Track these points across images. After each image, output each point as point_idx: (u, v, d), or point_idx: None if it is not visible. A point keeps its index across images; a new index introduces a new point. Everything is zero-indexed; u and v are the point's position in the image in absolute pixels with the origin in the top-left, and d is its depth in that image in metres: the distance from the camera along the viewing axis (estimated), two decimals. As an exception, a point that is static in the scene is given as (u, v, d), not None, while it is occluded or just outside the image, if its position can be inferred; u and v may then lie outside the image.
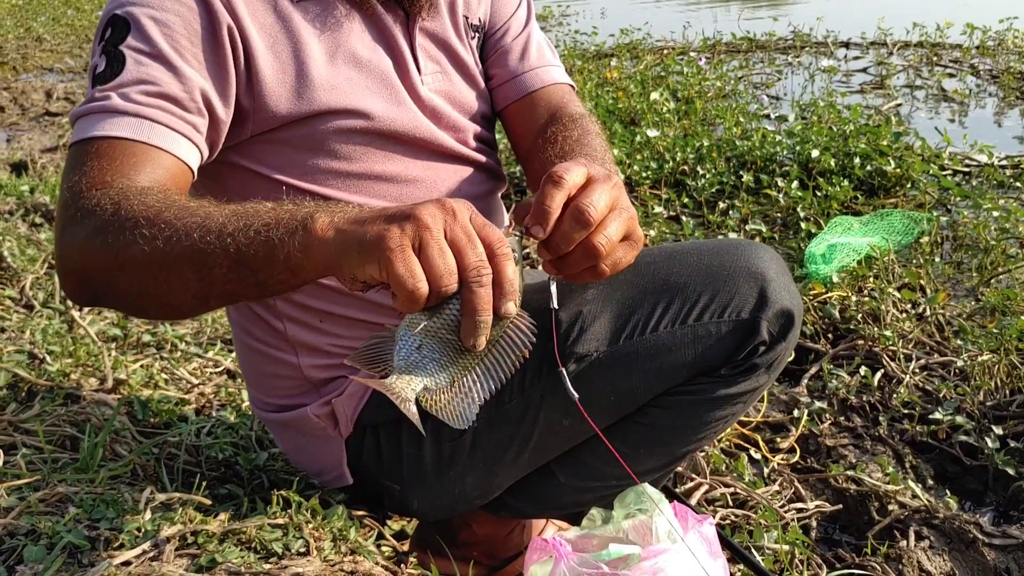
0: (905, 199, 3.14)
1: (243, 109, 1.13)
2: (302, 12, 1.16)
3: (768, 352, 1.17)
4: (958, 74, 5.10)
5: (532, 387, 1.20)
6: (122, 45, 1.04)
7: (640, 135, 3.77)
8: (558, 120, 1.32)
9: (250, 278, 0.88)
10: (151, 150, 1.02)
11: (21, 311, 2.47)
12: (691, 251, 1.21)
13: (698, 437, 1.25)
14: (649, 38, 6.47)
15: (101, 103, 1.02)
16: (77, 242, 0.95)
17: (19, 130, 5.55)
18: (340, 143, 1.18)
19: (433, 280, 0.79)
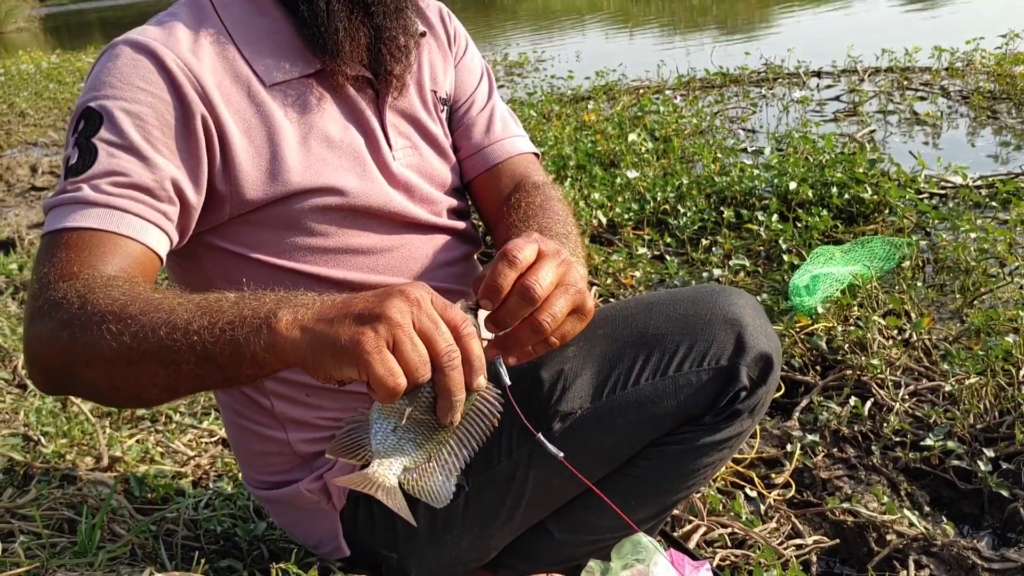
0: (884, 225, 3.18)
1: (220, 194, 1.16)
2: (276, 96, 1.19)
3: (749, 397, 1.19)
4: (929, 96, 5.18)
5: (519, 448, 1.22)
6: (94, 137, 1.07)
7: (620, 177, 3.82)
8: (521, 188, 1.37)
9: (217, 374, 0.91)
10: (120, 239, 1.04)
11: (14, 391, 2.48)
12: (667, 301, 1.24)
13: (688, 484, 1.27)
14: (624, 79, 6.56)
15: (72, 194, 1.05)
16: (44, 335, 0.97)
17: (5, 207, 5.58)
18: (315, 220, 1.20)
19: (409, 373, 0.83)
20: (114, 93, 1.10)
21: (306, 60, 1.22)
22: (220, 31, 1.20)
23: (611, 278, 3.00)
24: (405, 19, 1.27)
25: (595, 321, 1.24)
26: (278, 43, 1.22)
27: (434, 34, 1.43)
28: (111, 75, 1.11)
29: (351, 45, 1.21)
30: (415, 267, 1.29)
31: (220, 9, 1.22)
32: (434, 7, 1.46)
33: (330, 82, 1.24)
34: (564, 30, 11.29)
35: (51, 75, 11.97)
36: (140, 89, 1.10)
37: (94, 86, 1.11)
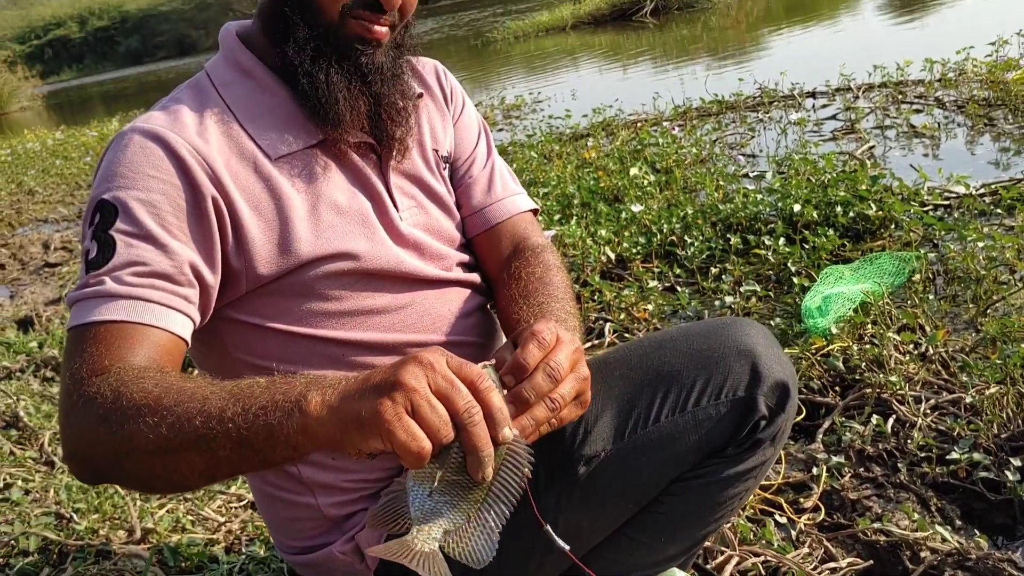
0: (891, 240, 3.19)
1: (235, 270, 1.19)
2: (282, 169, 1.23)
3: (769, 426, 1.21)
4: (924, 109, 5.22)
5: (546, 493, 1.23)
6: (111, 229, 1.11)
7: (625, 211, 3.86)
8: (521, 254, 1.41)
9: (253, 457, 0.94)
10: (146, 329, 1.07)
11: (43, 469, 2.50)
12: (679, 337, 1.26)
13: (716, 517, 1.28)
14: (622, 113, 6.63)
15: (95, 288, 1.08)
16: (82, 430, 1.00)
17: (20, 285, 5.65)
18: (329, 286, 1.23)
19: (432, 435, 0.86)
20: (127, 183, 1.13)
21: (308, 131, 1.26)
22: (223, 110, 1.24)
23: (624, 313, 3.02)
24: (402, 84, 1.31)
25: (610, 363, 1.27)
26: (280, 117, 1.26)
27: (431, 94, 1.46)
28: (122, 165, 1.14)
29: (352, 114, 1.24)
30: (430, 323, 1.32)
31: (221, 89, 1.26)
32: (429, 66, 1.50)
33: (334, 150, 1.27)
34: (558, 70, 11.41)
35: (57, 151, 12.16)
36: (151, 177, 1.13)
37: (107, 177, 1.15)
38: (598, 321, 3.06)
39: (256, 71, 1.27)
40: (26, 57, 59.58)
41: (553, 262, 1.41)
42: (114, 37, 68.70)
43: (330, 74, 1.22)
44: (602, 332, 2.95)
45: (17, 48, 62.31)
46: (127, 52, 66.67)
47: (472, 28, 21.35)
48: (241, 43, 1.29)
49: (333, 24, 1.22)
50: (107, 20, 69.06)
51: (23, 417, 2.83)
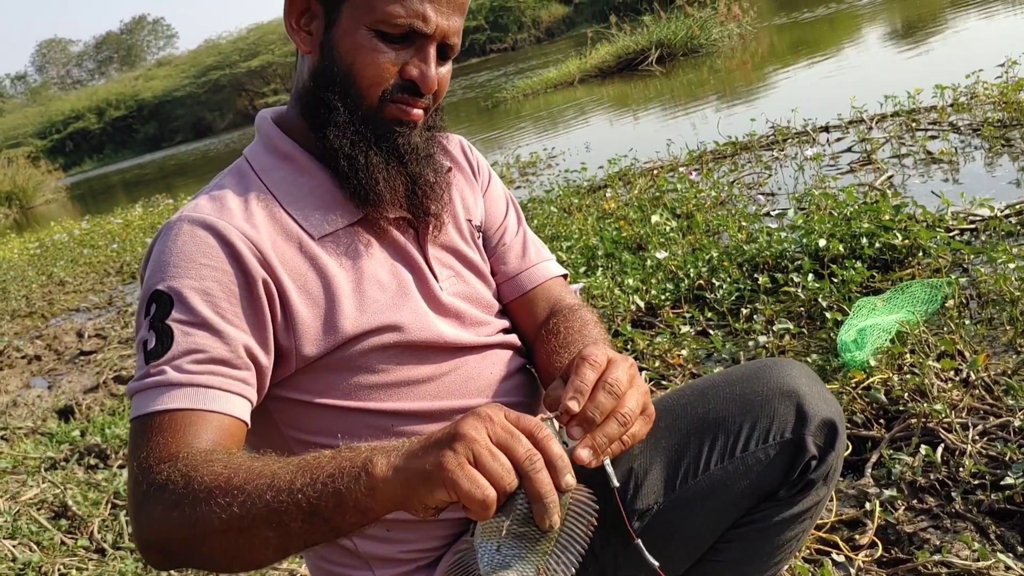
0: (920, 268, 3.19)
1: (284, 349, 1.22)
2: (326, 248, 1.27)
3: (821, 465, 1.21)
4: (940, 135, 5.23)
5: (604, 551, 1.24)
6: (168, 319, 1.14)
7: (650, 259, 3.88)
8: (558, 312, 1.45)
9: (324, 526, 0.96)
10: (208, 415, 1.11)
11: (94, 557, 2.52)
12: (721, 383, 1.27)
13: (775, 561, 1.28)
14: (637, 162, 6.68)
15: (156, 378, 1.11)
16: (155, 518, 1.02)
17: (58, 375, 5.73)
18: (375, 360, 1.26)
19: (496, 482, 0.88)
20: (180, 272, 1.16)
21: (349, 210, 1.30)
22: (266, 194, 1.28)
23: (658, 360, 3.02)
24: (435, 162, 1.36)
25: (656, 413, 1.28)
26: (321, 198, 1.30)
27: (459, 167, 1.52)
28: (174, 255, 1.18)
29: (391, 193, 1.28)
30: (475, 387, 1.34)
31: (262, 175, 1.30)
32: (455, 141, 1.55)
33: (374, 227, 1.31)
34: (569, 124, 11.54)
35: (84, 241, 12.38)
36: (203, 265, 1.17)
37: (159, 268, 1.18)
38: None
39: (295, 155, 1.32)
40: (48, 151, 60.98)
41: (590, 318, 1.44)
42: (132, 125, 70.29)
43: (369, 156, 1.26)
44: (638, 381, 2.94)
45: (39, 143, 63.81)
46: (145, 139, 68.13)
47: (482, 90, 21.68)
48: (278, 129, 1.34)
49: (372, 108, 1.27)
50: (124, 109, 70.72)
51: (71, 506, 2.86)
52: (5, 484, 3.32)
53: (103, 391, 4.74)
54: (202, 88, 65.12)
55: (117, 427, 3.66)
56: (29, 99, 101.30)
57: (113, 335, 6.29)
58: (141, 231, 11.68)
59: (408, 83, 1.27)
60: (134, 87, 74.84)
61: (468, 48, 38.09)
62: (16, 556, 2.52)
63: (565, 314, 1.44)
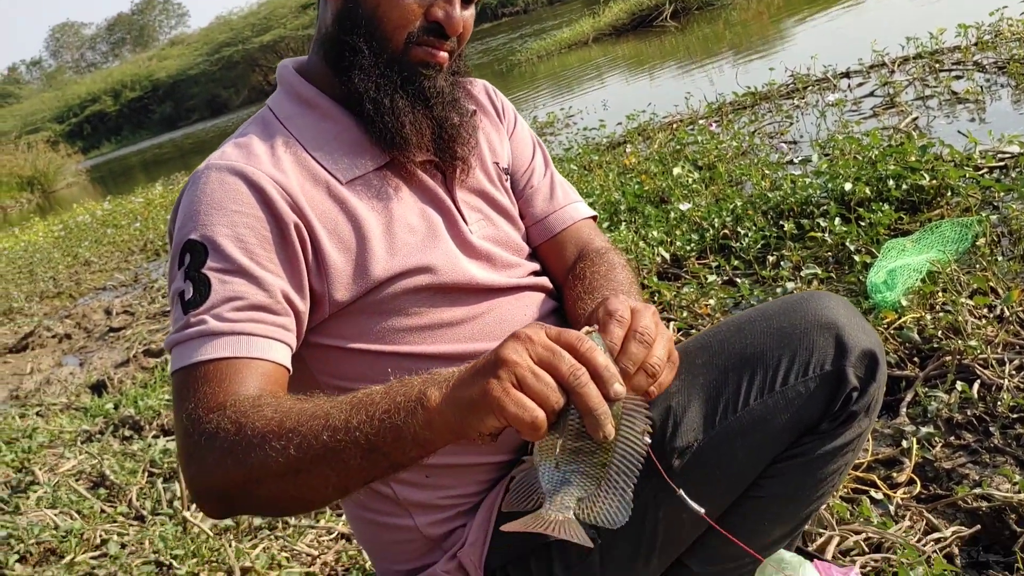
0: (949, 208, 3.14)
1: (317, 294, 1.22)
2: (354, 192, 1.26)
3: (862, 396, 1.19)
4: (964, 74, 5.13)
5: (644, 491, 1.23)
6: (204, 268, 1.13)
7: (674, 211, 3.84)
8: (586, 256, 1.44)
9: (384, 460, 0.96)
10: (252, 362, 1.10)
11: (134, 524, 2.55)
12: (758, 318, 1.24)
13: (818, 495, 1.26)
14: (656, 117, 6.61)
15: (197, 328, 1.10)
16: (208, 466, 1.02)
17: (88, 352, 5.79)
18: (407, 303, 1.26)
19: (543, 402, 0.87)
20: (211, 220, 1.15)
21: (375, 154, 1.29)
22: (291, 140, 1.27)
23: (685, 311, 3.00)
24: (460, 106, 1.34)
25: (690, 351, 1.26)
26: (346, 142, 1.29)
27: (484, 111, 1.50)
28: (204, 203, 1.17)
29: (417, 137, 1.28)
30: (508, 328, 1.33)
31: (286, 122, 1.29)
32: (479, 86, 1.53)
33: (401, 171, 1.30)
34: (584, 83, 11.44)
35: (107, 221, 12.47)
36: (235, 212, 1.16)
37: (190, 217, 1.17)
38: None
39: (318, 101, 1.31)
40: (67, 135, 61.28)
41: (617, 261, 1.43)
42: (148, 106, 70.41)
43: (395, 99, 1.25)
44: (666, 332, 2.93)
45: (57, 128, 64.12)
46: (161, 118, 68.25)
47: (496, 54, 21.52)
48: (300, 77, 1.33)
49: (398, 51, 1.25)
50: (139, 90, 70.82)
51: (109, 475, 2.90)
52: (43, 457, 3.37)
53: (134, 365, 4.79)
54: (216, 65, 65.08)
55: (149, 399, 3.70)
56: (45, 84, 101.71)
57: (141, 311, 6.34)
58: (162, 209, 11.75)
59: (434, 25, 1.25)
60: (148, 67, 74.92)
61: (480, 13, 37.80)
62: (58, 524, 2.56)
63: (592, 258, 1.42)
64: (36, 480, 3.07)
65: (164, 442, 3.13)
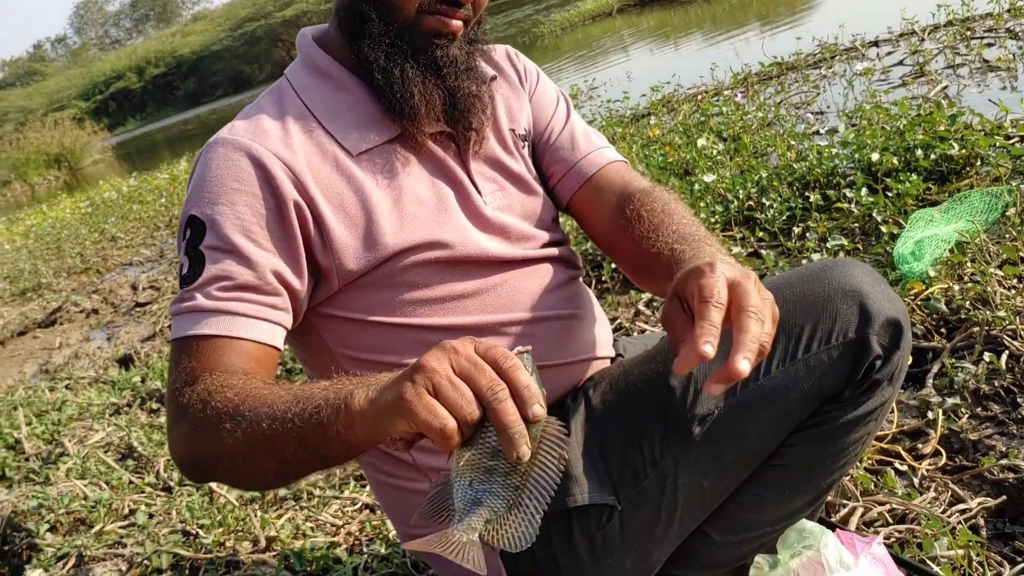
0: (978, 177, 3.09)
1: (325, 268, 1.22)
2: (363, 165, 1.25)
3: (886, 365, 1.17)
4: (996, 42, 5.03)
5: (664, 458, 1.23)
6: (201, 245, 1.16)
7: (698, 183, 3.81)
8: (631, 197, 1.36)
9: (313, 455, 0.97)
10: (235, 342, 1.13)
11: (161, 494, 2.59)
12: (781, 285, 1.22)
13: (840, 464, 1.25)
14: (680, 88, 6.55)
15: (189, 303, 1.15)
16: (181, 438, 1.08)
17: (116, 326, 5.85)
18: (419, 276, 1.25)
19: (455, 411, 0.85)
20: (212, 198, 1.17)
21: (386, 126, 1.28)
22: (304, 113, 1.26)
23: (710, 283, 2.98)
24: (476, 73, 1.32)
25: None
26: (358, 114, 1.28)
27: (504, 76, 1.47)
28: (207, 180, 1.19)
29: (427, 107, 1.25)
30: (521, 300, 1.32)
31: (301, 92, 1.29)
32: (500, 50, 1.51)
33: (412, 143, 1.29)
34: (608, 54, 11.35)
35: (132, 197, 12.56)
36: (234, 190, 1.17)
37: (195, 192, 1.20)
38: (684, 294, 3.03)
39: (332, 71, 1.30)
40: (92, 112, 61.65)
41: (670, 197, 1.36)
42: (172, 82, 70.67)
43: (405, 69, 1.24)
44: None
45: (83, 105, 64.52)
46: (185, 95, 68.50)
47: (520, 26, 21.36)
48: (317, 45, 1.32)
49: (409, 20, 1.23)
50: (163, 67, 71.05)
51: (137, 447, 2.93)
52: (73, 430, 3.42)
53: (160, 339, 4.84)
54: (239, 41, 65.16)
55: (176, 372, 3.74)
56: (70, 61, 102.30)
57: (167, 286, 6.39)
58: (187, 185, 11.80)
59: None
60: (172, 44, 75.13)
61: (503, -15, 37.47)
62: (88, 495, 2.60)
63: (641, 198, 1.35)
64: (66, 451, 3.11)
65: (190, 414, 3.17)
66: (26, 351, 5.91)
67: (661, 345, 1.32)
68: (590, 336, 1.41)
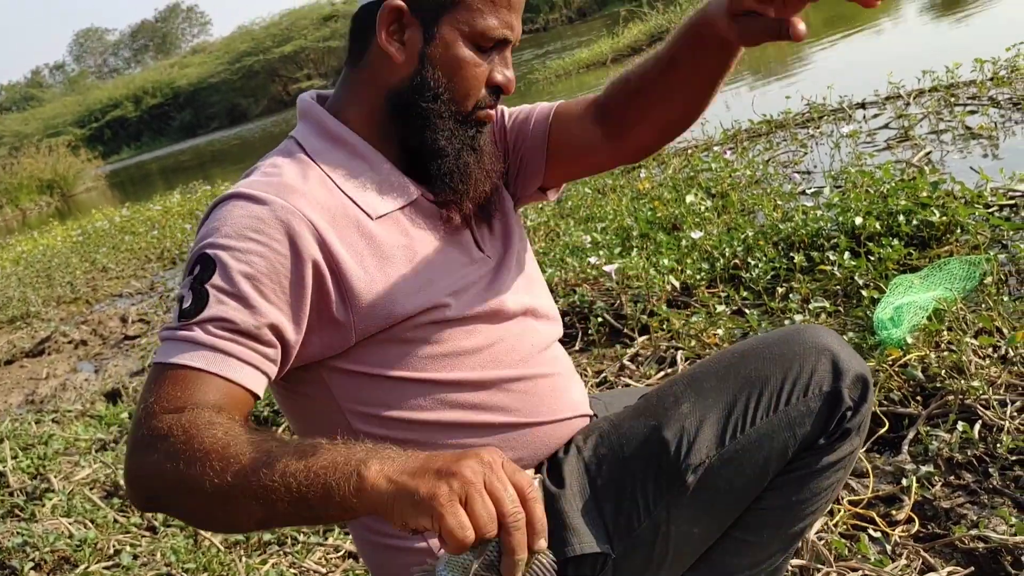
0: (958, 245, 3.17)
1: (342, 323, 1.27)
2: (381, 228, 1.32)
3: (855, 415, 1.31)
4: (979, 109, 5.16)
5: (657, 507, 1.30)
6: (207, 283, 1.19)
7: (685, 239, 3.89)
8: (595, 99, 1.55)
9: (308, 512, 0.99)
10: (221, 381, 1.15)
11: (146, 534, 2.60)
12: (758, 346, 1.36)
13: (813, 509, 1.36)
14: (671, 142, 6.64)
15: (185, 333, 1.16)
16: (149, 463, 1.06)
17: (104, 359, 5.86)
18: (430, 333, 1.32)
19: (479, 529, 0.91)
20: (229, 243, 1.21)
21: (402, 192, 1.36)
22: (321, 175, 1.33)
23: (694, 340, 3.04)
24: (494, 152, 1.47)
25: (698, 376, 1.37)
26: (375, 180, 1.36)
27: (494, 137, 1.57)
28: (228, 225, 1.23)
29: (475, 190, 1.40)
30: (518, 357, 1.40)
31: (315, 156, 1.36)
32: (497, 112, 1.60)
33: (423, 207, 1.38)
34: (602, 104, 11.48)
35: (125, 228, 12.57)
36: (252, 240, 1.21)
37: (212, 232, 1.23)
38: (669, 350, 3.09)
39: (349, 139, 1.38)
40: (87, 140, 61.65)
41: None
42: (168, 112, 70.90)
43: (463, 155, 1.38)
44: (674, 360, 2.98)
45: (78, 132, 64.59)
46: (181, 126, 68.69)
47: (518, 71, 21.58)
48: (328, 113, 1.40)
49: (464, 114, 1.37)
50: (160, 97, 71.32)
51: (123, 485, 2.95)
52: (59, 465, 3.43)
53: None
54: (236, 74, 65.54)
55: (164, 409, 3.75)
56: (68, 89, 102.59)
57: (156, 320, 6.41)
58: (180, 217, 11.85)
59: (494, 88, 1.38)
60: (169, 75, 75.51)
61: (500, 29, 37.84)
62: (73, 533, 2.61)
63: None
64: (51, 487, 3.12)
65: (177, 454, 3.18)
66: (12, 380, 5.91)
67: (648, 401, 1.41)
68: (577, 395, 1.50)
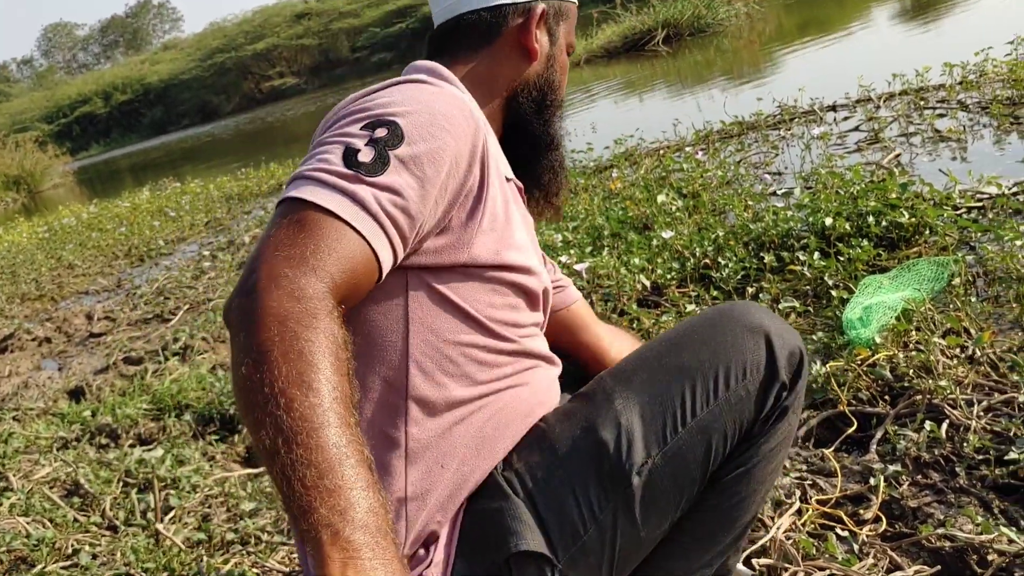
0: (927, 246, 3.18)
1: (456, 237, 1.24)
2: (510, 188, 1.39)
3: (790, 394, 1.31)
4: (948, 113, 5.21)
5: (603, 512, 1.26)
6: (393, 150, 1.13)
7: (656, 238, 3.88)
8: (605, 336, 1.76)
9: (283, 497, 0.91)
10: (368, 256, 1.08)
11: (106, 534, 2.55)
12: (688, 332, 1.34)
13: (759, 499, 1.38)
14: (643, 142, 6.67)
15: (352, 185, 1.08)
16: (241, 321, 0.97)
17: (68, 356, 5.76)
18: (509, 289, 1.32)
19: None
20: (425, 121, 1.17)
21: (507, 169, 1.43)
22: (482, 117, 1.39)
23: (665, 339, 3.03)
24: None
25: (626, 371, 1.34)
26: (499, 147, 1.44)
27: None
28: (420, 101, 1.20)
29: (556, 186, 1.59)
30: (543, 346, 1.43)
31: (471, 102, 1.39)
32: None
33: (516, 189, 1.46)
34: (575, 104, 11.52)
35: (92, 225, 12.40)
36: (445, 129, 1.18)
37: (408, 101, 1.19)
38: (640, 349, 3.08)
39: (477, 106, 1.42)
40: (55, 136, 60.74)
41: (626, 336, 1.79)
42: (138, 109, 70.09)
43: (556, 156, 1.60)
44: (645, 359, 2.97)
45: (45, 128, 63.66)
46: (152, 123, 67.92)
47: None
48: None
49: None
50: (130, 93, 70.53)
51: (84, 484, 2.89)
52: (18, 463, 3.36)
53: (113, 372, 4.78)
54: (208, 71, 64.99)
55: (127, 407, 3.69)
56: (35, 84, 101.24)
57: (122, 317, 6.32)
58: (148, 214, 11.71)
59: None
60: (140, 71, 74.74)
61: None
62: (30, 532, 2.55)
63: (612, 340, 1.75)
64: (10, 486, 3.06)
65: (140, 452, 3.13)
66: (-27, 378, 5.79)
67: (579, 402, 1.35)
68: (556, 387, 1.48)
